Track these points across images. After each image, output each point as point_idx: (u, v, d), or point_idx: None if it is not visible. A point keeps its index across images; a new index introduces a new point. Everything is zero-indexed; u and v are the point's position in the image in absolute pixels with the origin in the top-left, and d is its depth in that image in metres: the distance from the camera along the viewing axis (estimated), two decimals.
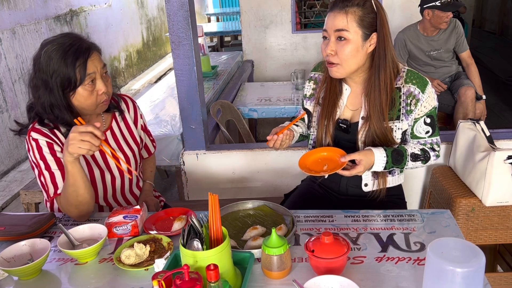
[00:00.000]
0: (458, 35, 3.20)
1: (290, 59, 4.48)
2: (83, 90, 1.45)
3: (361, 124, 1.56)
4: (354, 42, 1.44)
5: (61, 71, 1.41)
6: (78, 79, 1.42)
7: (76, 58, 1.41)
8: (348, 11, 1.43)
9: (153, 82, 5.64)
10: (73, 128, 1.35)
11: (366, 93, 1.53)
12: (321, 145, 1.62)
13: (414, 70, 1.55)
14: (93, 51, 1.46)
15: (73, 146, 1.33)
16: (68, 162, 1.38)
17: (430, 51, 3.22)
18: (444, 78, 3.34)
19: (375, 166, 1.48)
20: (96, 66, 1.45)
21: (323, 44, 1.51)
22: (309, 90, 1.71)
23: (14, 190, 3.62)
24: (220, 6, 10.76)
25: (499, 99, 4.89)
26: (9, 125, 3.97)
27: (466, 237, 1.91)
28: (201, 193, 2.43)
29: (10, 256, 1.27)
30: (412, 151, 1.54)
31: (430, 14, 3.06)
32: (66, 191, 1.43)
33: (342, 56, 1.46)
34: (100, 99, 1.49)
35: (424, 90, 1.50)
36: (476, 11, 8.27)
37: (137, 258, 1.25)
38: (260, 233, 1.36)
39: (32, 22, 4.48)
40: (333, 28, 1.46)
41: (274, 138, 1.52)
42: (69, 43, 1.43)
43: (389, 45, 1.48)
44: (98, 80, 1.47)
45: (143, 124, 1.79)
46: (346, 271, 1.18)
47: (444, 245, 0.98)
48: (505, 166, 1.80)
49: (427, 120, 1.54)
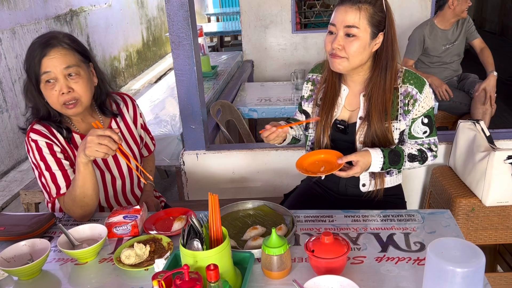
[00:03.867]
0: (469, 24, 3.31)
1: (290, 59, 4.48)
2: (43, 87, 1.44)
3: (359, 125, 1.55)
4: (363, 40, 1.43)
5: (29, 67, 1.42)
6: (35, 77, 1.42)
7: (36, 55, 1.40)
8: (361, 8, 1.41)
9: (153, 82, 5.64)
10: (91, 131, 1.34)
11: (366, 93, 1.53)
12: (319, 146, 1.63)
13: (419, 70, 1.56)
14: (53, 48, 1.41)
15: (91, 149, 1.32)
16: (81, 164, 1.38)
17: (447, 44, 3.29)
18: (452, 77, 3.40)
19: (372, 167, 1.48)
20: (55, 66, 1.41)
21: (328, 38, 1.49)
22: (307, 92, 1.70)
23: (14, 190, 3.62)
24: (220, 6, 10.75)
25: (499, 99, 4.87)
26: (9, 125, 3.97)
27: (466, 237, 1.91)
28: (201, 193, 2.43)
29: (10, 256, 1.27)
30: (410, 152, 1.54)
31: (455, 3, 3.14)
32: (74, 192, 1.43)
33: (349, 51, 1.44)
34: (61, 100, 1.44)
35: (422, 90, 1.50)
36: (476, 11, 8.27)
37: (137, 258, 1.25)
38: (260, 233, 1.36)
39: (32, 22, 4.48)
40: (343, 24, 1.43)
41: (272, 130, 1.51)
42: (38, 40, 1.43)
43: (396, 46, 1.48)
44: (59, 80, 1.42)
45: (142, 123, 1.79)
46: (346, 271, 1.18)
47: (444, 245, 0.98)
48: (505, 166, 1.80)
49: (424, 120, 1.54)
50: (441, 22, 3.27)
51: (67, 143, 1.52)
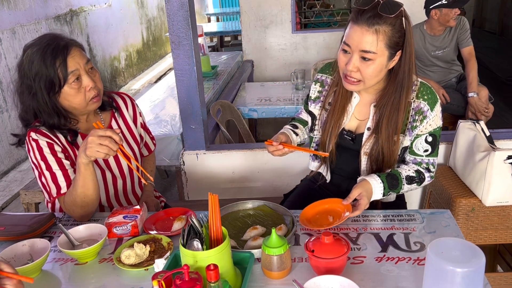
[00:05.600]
0: (462, 31, 3.18)
1: (290, 59, 4.48)
2: (69, 88, 1.43)
3: (367, 136, 1.51)
4: (380, 63, 1.35)
5: (42, 73, 1.40)
6: (61, 78, 1.40)
7: (55, 58, 1.39)
8: (379, 31, 1.31)
9: (153, 82, 5.64)
10: (92, 131, 1.34)
11: (377, 104, 1.48)
12: (324, 149, 1.58)
13: (426, 82, 1.49)
14: (71, 47, 1.42)
15: (91, 150, 1.32)
16: (82, 164, 1.38)
17: (436, 51, 3.22)
18: (450, 78, 3.34)
19: (374, 194, 1.43)
20: (78, 63, 1.43)
21: (342, 57, 1.40)
22: (315, 93, 1.63)
23: (14, 190, 3.62)
24: (220, 6, 10.76)
25: (499, 99, 4.87)
26: (9, 125, 3.97)
27: (466, 237, 1.91)
28: (201, 193, 2.43)
29: (10, 256, 1.27)
30: (407, 174, 1.49)
31: (437, 13, 3.04)
32: (75, 192, 1.43)
33: (365, 75, 1.37)
34: (89, 96, 1.47)
35: (434, 108, 1.44)
36: (476, 11, 8.27)
37: (137, 258, 1.25)
38: (260, 233, 1.36)
39: (32, 22, 4.48)
40: (359, 48, 1.33)
41: (279, 147, 1.45)
42: (46, 43, 1.41)
43: (413, 61, 1.40)
44: (84, 76, 1.44)
45: (142, 122, 1.79)
46: (346, 271, 1.18)
47: (444, 245, 0.98)
48: (505, 166, 1.80)
49: (428, 138, 1.48)
50: (429, 29, 3.19)
51: (68, 142, 1.52)
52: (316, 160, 1.70)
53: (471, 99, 3.04)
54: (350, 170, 1.60)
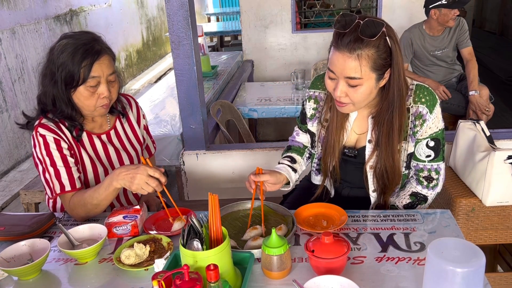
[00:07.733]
0: (461, 32, 3.18)
1: (290, 59, 4.49)
2: (84, 89, 1.45)
3: (370, 150, 1.48)
4: (368, 86, 1.30)
5: (67, 66, 1.42)
6: (81, 78, 1.43)
7: (84, 58, 1.42)
8: (361, 56, 1.24)
9: (153, 82, 5.65)
10: (142, 167, 1.37)
11: (375, 117, 1.44)
12: (326, 169, 1.55)
13: (415, 72, 1.47)
14: (103, 55, 1.45)
15: (137, 186, 1.37)
16: (113, 187, 1.41)
17: (435, 51, 3.22)
18: (450, 78, 3.34)
19: None
20: (103, 71, 1.45)
21: (330, 82, 1.35)
22: (310, 110, 1.58)
23: (14, 190, 3.61)
24: (220, 6, 10.77)
25: (499, 99, 4.87)
26: (9, 125, 3.97)
27: (466, 237, 1.91)
28: (201, 193, 2.43)
29: (10, 256, 1.27)
30: (404, 204, 1.49)
31: (437, 13, 3.04)
32: (90, 200, 1.45)
33: (354, 99, 1.33)
34: (100, 102, 1.49)
35: (433, 110, 1.39)
36: (476, 11, 8.27)
37: (137, 258, 1.25)
38: (260, 233, 1.35)
39: (32, 22, 4.47)
40: (343, 74, 1.28)
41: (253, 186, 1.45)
42: (83, 42, 1.44)
43: (404, 74, 1.35)
44: (103, 84, 1.47)
45: (145, 124, 1.80)
46: (346, 271, 1.18)
47: (444, 245, 0.98)
48: (505, 166, 1.80)
49: (430, 143, 1.43)
50: (429, 29, 3.19)
51: (73, 138, 1.53)
52: (319, 174, 1.68)
53: (472, 97, 3.04)
54: (356, 181, 1.59)
